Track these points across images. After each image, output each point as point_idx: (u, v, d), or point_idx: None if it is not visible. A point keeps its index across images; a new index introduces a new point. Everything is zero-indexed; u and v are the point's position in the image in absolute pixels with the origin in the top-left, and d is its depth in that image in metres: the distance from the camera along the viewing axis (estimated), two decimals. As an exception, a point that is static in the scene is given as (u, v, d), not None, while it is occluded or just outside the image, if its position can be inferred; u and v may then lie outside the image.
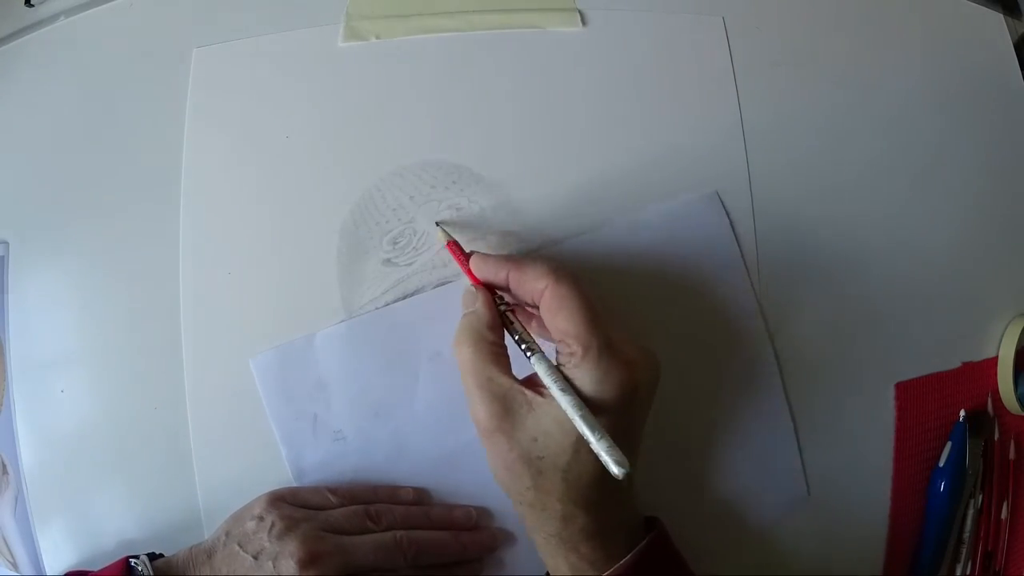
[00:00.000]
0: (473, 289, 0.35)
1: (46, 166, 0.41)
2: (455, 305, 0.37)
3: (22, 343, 0.40)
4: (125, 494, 0.39)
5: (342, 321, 0.38)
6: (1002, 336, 0.46)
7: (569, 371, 0.31)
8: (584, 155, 0.41)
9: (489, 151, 0.40)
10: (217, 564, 0.34)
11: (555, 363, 0.32)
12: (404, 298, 0.39)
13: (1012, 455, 0.47)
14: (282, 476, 0.38)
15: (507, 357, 0.33)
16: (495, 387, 0.32)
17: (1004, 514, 0.46)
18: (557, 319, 0.32)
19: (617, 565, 0.32)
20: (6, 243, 0.40)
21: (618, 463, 0.28)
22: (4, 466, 0.40)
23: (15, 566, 0.41)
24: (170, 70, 0.40)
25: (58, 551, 0.39)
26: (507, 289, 0.35)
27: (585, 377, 0.31)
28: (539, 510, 0.32)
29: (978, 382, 0.46)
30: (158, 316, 0.38)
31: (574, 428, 0.30)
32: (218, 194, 0.39)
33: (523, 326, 0.34)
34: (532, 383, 0.32)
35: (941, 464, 0.44)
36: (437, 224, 0.39)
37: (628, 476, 0.28)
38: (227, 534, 0.35)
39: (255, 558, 0.33)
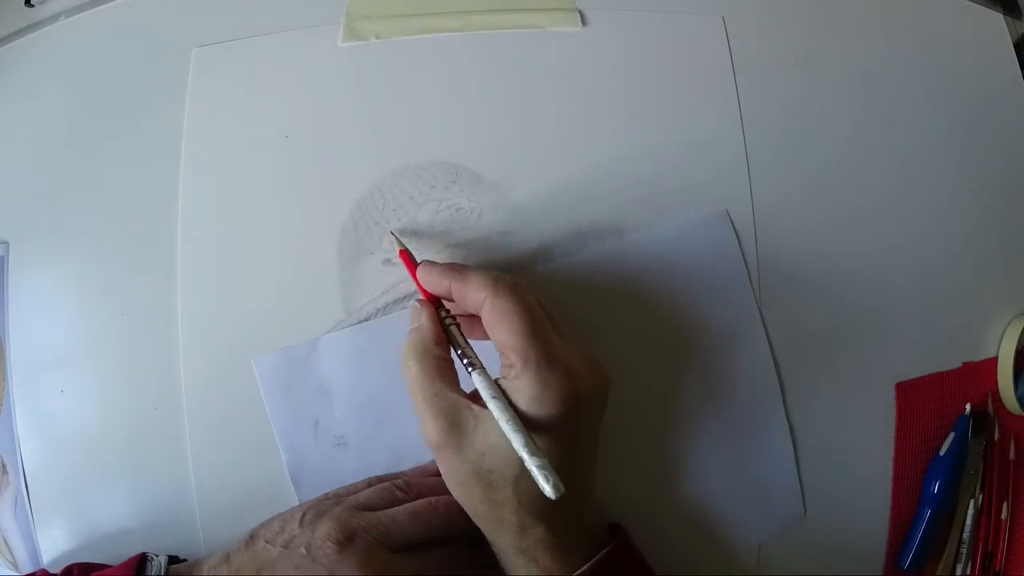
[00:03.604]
0: (417, 304, 0.35)
1: (46, 166, 0.41)
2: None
3: (22, 343, 0.40)
4: (125, 494, 0.39)
5: (346, 327, 0.38)
6: (1002, 336, 0.46)
7: (508, 383, 0.31)
8: (583, 155, 0.41)
9: (489, 151, 0.40)
10: (237, 563, 0.33)
11: (498, 376, 0.32)
12: (404, 298, 0.39)
13: (1012, 455, 0.47)
14: (281, 478, 0.38)
15: (454, 372, 0.33)
16: (442, 402, 0.32)
17: (1004, 514, 0.46)
18: (496, 331, 0.31)
19: (575, 574, 0.32)
20: (6, 243, 0.40)
21: (554, 486, 0.28)
22: (4, 466, 0.40)
23: (15, 566, 0.41)
24: (170, 70, 0.40)
25: (58, 551, 0.39)
26: (452, 299, 0.34)
27: (525, 390, 0.30)
28: (495, 522, 0.32)
29: (978, 382, 0.46)
30: (157, 316, 0.38)
31: None
32: (217, 194, 0.39)
33: (465, 340, 0.33)
34: (478, 397, 0.32)
35: (942, 453, 0.44)
36: (392, 233, 0.38)
37: (582, 487, 0.28)
38: (251, 537, 0.34)
39: (285, 547, 0.32)
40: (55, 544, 0.39)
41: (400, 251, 0.37)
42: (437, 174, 0.40)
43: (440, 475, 0.35)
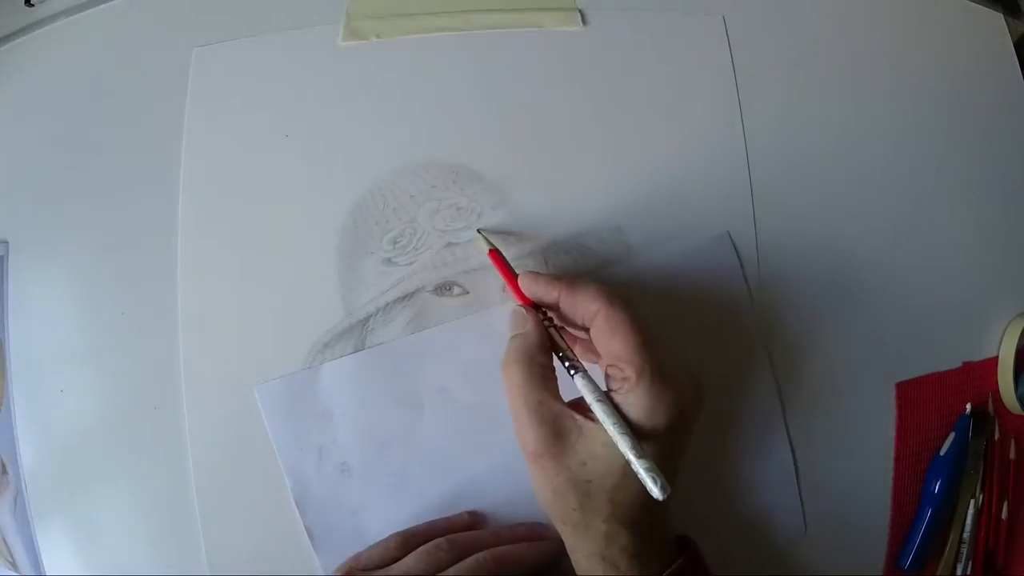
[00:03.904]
0: (522, 310, 0.35)
1: (46, 166, 0.41)
2: (462, 341, 0.38)
3: (22, 343, 0.40)
4: (124, 494, 0.39)
5: (346, 326, 0.38)
6: (1002, 336, 0.46)
7: (621, 396, 0.31)
8: (583, 155, 0.41)
9: (489, 151, 0.40)
10: None
11: (606, 388, 0.32)
12: (404, 298, 0.39)
13: (1012, 455, 0.47)
14: (280, 477, 0.38)
15: (556, 380, 0.33)
16: (545, 411, 0.32)
17: (1004, 514, 0.46)
18: (611, 343, 0.32)
19: None
20: (6, 243, 0.40)
21: (662, 487, 0.28)
22: (4, 466, 0.40)
23: (15, 566, 0.41)
24: (170, 70, 0.40)
25: (57, 551, 0.39)
26: (555, 309, 0.34)
27: (638, 402, 0.31)
28: (583, 530, 0.32)
29: (978, 382, 0.46)
30: (157, 315, 0.38)
31: None
32: (217, 194, 0.39)
33: (567, 344, 0.34)
34: (581, 407, 0.32)
35: (942, 453, 0.44)
36: (478, 231, 0.39)
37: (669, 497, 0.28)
38: None
39: None
40: (55, 544, 0.39)
41: (490, 251, 0.37)
42: (437, 174, 0.40)
43: (472, 528, 0.37)
